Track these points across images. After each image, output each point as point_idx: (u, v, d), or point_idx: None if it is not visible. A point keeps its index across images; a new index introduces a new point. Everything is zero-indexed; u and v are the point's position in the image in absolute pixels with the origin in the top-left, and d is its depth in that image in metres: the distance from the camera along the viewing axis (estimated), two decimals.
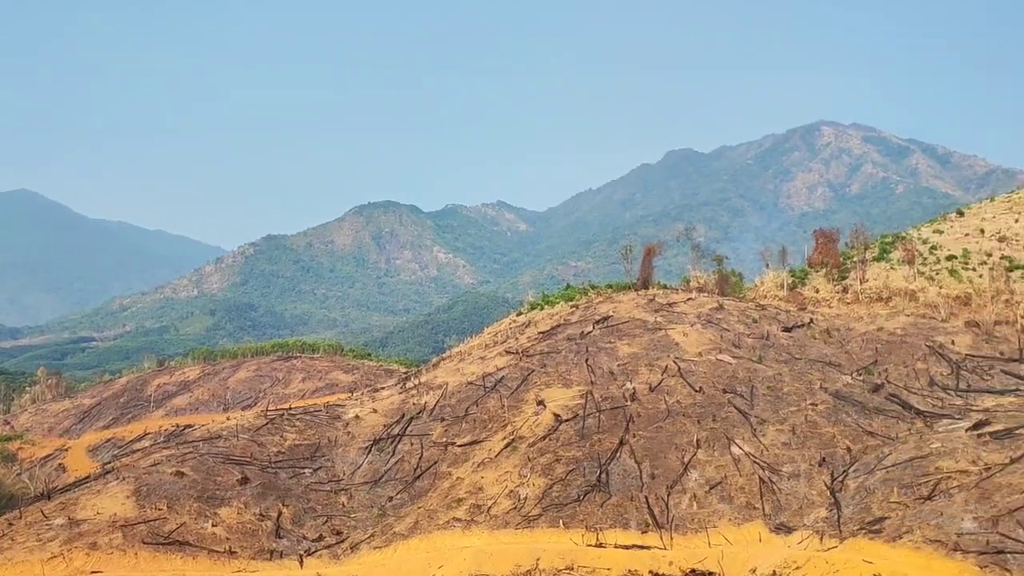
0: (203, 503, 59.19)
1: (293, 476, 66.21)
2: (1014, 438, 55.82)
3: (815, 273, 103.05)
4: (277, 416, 76.74)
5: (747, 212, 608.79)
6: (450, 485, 62.32)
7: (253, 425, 74.33)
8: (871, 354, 78.90)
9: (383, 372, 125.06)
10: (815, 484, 57.39)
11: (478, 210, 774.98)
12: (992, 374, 74.73)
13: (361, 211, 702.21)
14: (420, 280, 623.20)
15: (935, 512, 47.90)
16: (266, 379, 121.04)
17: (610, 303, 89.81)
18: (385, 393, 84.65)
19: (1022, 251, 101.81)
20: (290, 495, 63.17)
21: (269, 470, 66.08)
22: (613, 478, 58.61)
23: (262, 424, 74.45)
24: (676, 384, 69.12)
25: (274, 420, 75.43)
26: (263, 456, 68.13)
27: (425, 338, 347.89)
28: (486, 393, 74.17)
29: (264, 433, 72.66)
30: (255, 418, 77.10)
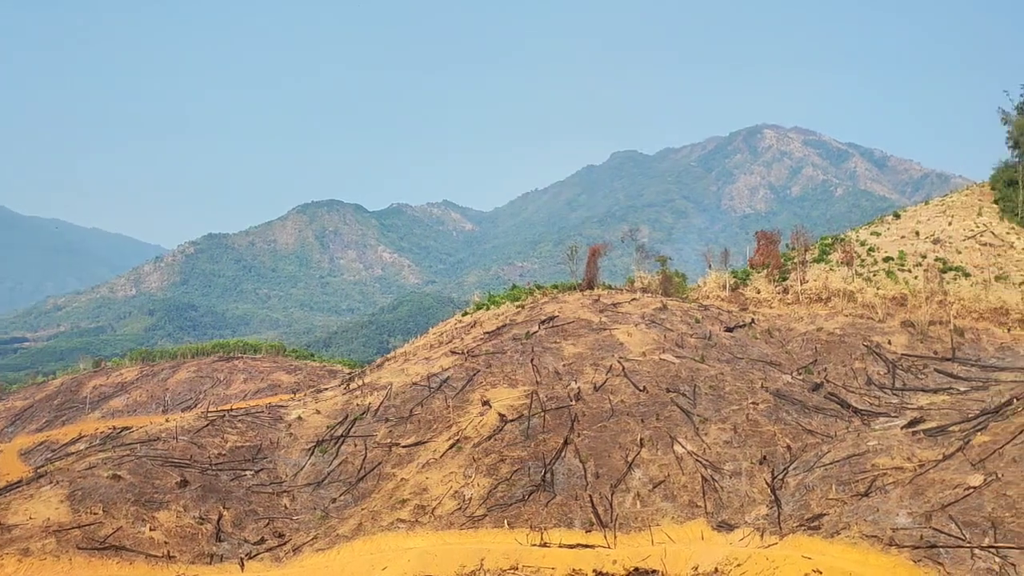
0: (141, 507, 57.90)
1: (234, 478, 65.12)
2: (947, 435, 57.30)
3: (757, 274, 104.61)
4: (218, 417, 75.43)
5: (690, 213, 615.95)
6: (394, 486, 61.91)
7: (193, 427, 72.94)
8: (811, 354, 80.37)
9: (326, 373, 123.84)
10: (756, 482, 58.24)
11: (424, 209, 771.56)
12: (926, 373, 76.70)
13: (304, 210, 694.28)
14: (365, 280, 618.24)
15: (871, 508, 48.93)
16: (207, 380, 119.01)
17: (556, 303, 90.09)
18: (328, 394, 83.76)
19: (955, 253, 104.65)
20: (231, 498, 62.12)
21: (209, 472, 64.90)
22: (558, 477, 58.76)
23: (202, 426, 73.10)
24: (620, 384, 69.59)
25: (215, 422, 74.12)
26: (203, 458, 66.89)
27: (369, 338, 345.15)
28: (431, 393, 73.84)
29: (204, 435, 71.35)
30: (195, 420, 75.68)
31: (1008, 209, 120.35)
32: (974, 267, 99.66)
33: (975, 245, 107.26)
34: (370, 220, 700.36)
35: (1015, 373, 73.19)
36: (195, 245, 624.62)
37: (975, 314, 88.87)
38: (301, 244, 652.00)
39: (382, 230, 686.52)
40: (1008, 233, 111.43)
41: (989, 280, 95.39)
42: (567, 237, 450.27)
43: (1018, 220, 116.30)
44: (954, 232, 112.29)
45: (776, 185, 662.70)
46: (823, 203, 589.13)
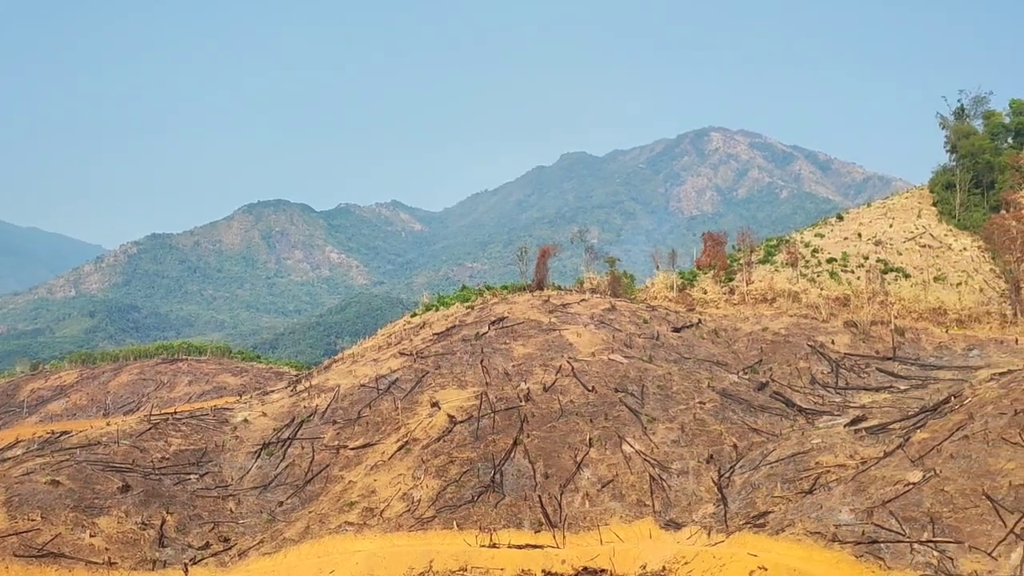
0: (80, 513, 56.52)
1: (178, 483, 63.89)
2: (887, 433, 58.53)
3: (703, 275, 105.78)
4: (161, 421, 73.94)
5: (639, 215, 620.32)
6: (342, 489, 61.32)
7: (135, 430, 71.39)
8: (756, 353, 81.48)
9: (273, 375, 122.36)
10: (703, 481, 58.84)
11: (372, 210, 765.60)
12: (868, 372, 78.27)
13: (250, 210, 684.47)
14: (312, 281, 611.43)
15: (815, 505, 49.74)
16: (150, 383, 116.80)
17: (505, 304, 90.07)
18: (275, 396, 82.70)
19: (896, 254, 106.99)
20: (175, 502, 60.95)
21: (152, 477, 63.59)
22: (507, 478, 58.73)
23: (145, 429, 71.58)
24: (570, 384, 69.79)
25: (158, 425, 72.64)
26: (146, 463, 65.52)
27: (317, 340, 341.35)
28: (379, 395, 73.30)
29: (147, 438, 69.88)
30: (137, 423, 74.09)
31: (946, 212, 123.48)
32: (914, 268, 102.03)
33: (915, 247, 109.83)
34: (317, 220, 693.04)
35: (952, 372, 75.05)
36: (138, 245, 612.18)
37: (915, 314, 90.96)
38: (247, 244, 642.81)
39: (330, 230, 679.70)
40: (946, 235, 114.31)
41: (928, 281, 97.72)
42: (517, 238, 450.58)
43: (956, 222, 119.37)
44: (895, 234, 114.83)
45: (723, 187, 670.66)
46: (769, 205, 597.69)
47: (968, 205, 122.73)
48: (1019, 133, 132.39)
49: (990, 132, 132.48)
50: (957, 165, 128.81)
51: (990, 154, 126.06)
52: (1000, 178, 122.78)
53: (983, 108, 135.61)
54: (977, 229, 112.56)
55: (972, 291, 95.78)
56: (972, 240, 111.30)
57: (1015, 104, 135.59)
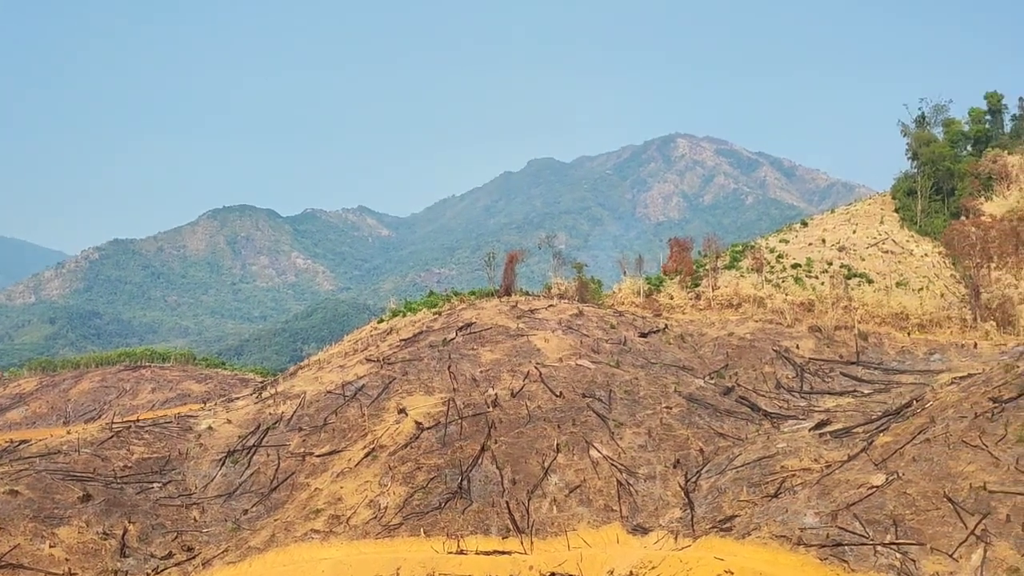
0: (40, 523, 55.47)
1: (141, 491, 62.97)
2: (851, 436, 59.19)
3: (670, 280, 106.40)
4: (123, 429, 72.83)
5: (606, 220, 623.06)
6: (308, 496, 60.78)
7: (97, 439, 70.24)
8: (722, 358, 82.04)
9: (238, 381, 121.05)
10: (670, 485, 59.07)
11: (339, 215, 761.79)
12: (832, 376, 79.10)
13: (215, 215, 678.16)
14: (278, 286, 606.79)
15: (780, 509, 50.13)
16: (112, 390, 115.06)
17: (473, 310, 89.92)
18: (240, 403, 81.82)
19: (859, 260, 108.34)
20: (137, 511, 60.05)
21: (114, 486, 62.60)
22: (475, 485, 58.55)
23: (107, 437, 70.47)
24: (537, 389, 69.79)
25: (120, 433, 71.54)
26: (107, 471, 64.49)
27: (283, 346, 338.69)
28: (346, 402, 72.79)
29: (109, 447, 68.80)
30: (99, 431, 72.88)
31: (908, 218, 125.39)
32: (877, 274, 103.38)
33: (878, 252, 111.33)
34: (283, 226, 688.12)
35: (914, 376, 76.10)
36: (100, 251, 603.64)
37: (878, 319, 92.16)
38: (212, 250, 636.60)
39: (296, 236, 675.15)
40: (908, 241, 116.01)
41: (890, 286, 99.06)
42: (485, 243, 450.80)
43: (917, 228, 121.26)
44: (858, 240, 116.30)
45: (689, 193, 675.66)
46: (734, 211, 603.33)
47: (929, 211, 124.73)
48: (978, 141, 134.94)
49: (950, 140, 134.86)
50: (918, 172, 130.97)
51: (950, 161, 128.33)
52: (960, 185, 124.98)
53: (943, 116, 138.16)
54: (938, 235, 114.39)
55: (933, 296, 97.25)
56: (933, 246, 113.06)
57: (974, 112, 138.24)
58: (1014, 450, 47.28)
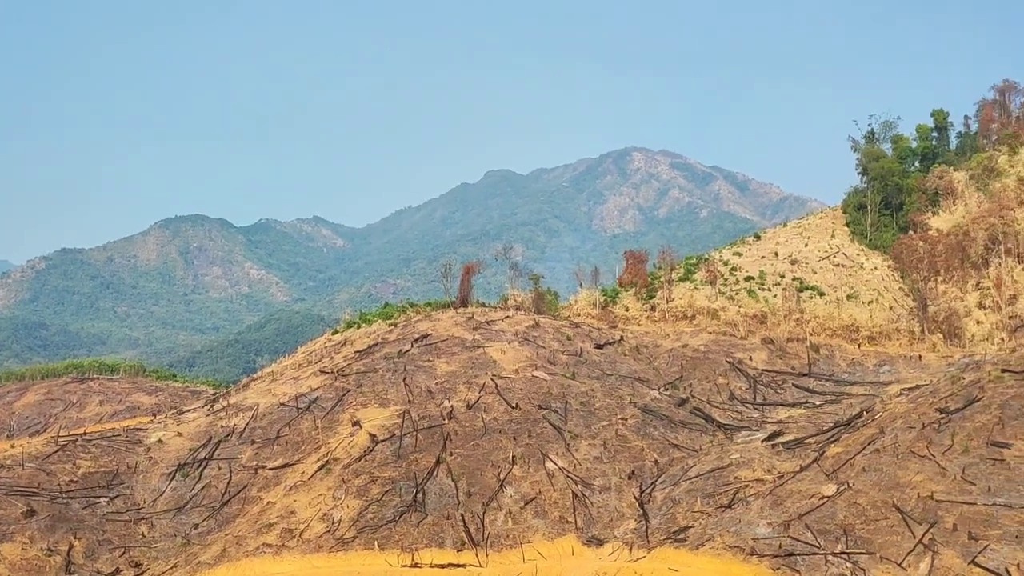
0: None
1: (87, 506, 61.51)
2: (803, 447, 59.90)
3: (625, 292, 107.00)
4: (69, 442, 71.16)
5: (563, 232, 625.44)
6: (260, 510, 59.88)
7: (41, 452, 68.52)
8: (677, 370, 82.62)
9: (189, 394, 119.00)
10: (625, 497, 59.22)
11: (293, 225, 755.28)
12: (785, 388, 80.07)
13: (167, 225, 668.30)
14: (230, 297, 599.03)
15: (734, 519, 50.49)
16: (58, 403, 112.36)
17: (429, 321, 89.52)
18: (191, 415, 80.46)
19: (811, 273, 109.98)
20: (83, 527, 58.64)
21: (59, 501, 61.09)
22: (430, 497, 58.15)
23: (52, 451, 68.78)
24: (493, 401, 69.61)
25: (66, 447, 69.88)
26: (52, 486, 62.91)
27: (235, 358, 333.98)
28: (299, 414, 71.94)
29: (54, 461, 67.15)
30: (44, 445, 71.11)
31: (858, 232, 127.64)
32: (828, 286, 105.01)
33: (829, 266, 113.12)
34: (237, 236, 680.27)
35: (864, 387, 77.34)
36: (47, 260, 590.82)
37: (829, 331, 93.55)
38: (163, 260, 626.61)
39: (249, 246, 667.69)
40: (858, 255, 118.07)
41: (841, 299, 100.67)
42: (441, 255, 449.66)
43: (867, 242, 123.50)
44: (810, 253, 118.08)
45: (644, 206, 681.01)
46: (689, 224, 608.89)
47: (879, 226, 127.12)
48: (925, 157, 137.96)
49: (898, 156, 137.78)
50: (868, 187, 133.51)
51: (898, 177, 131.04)
52: (908, 200, 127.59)
53: (892, 132, 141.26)
54: (887, 249, 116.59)
55: (883, 308, 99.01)
56: (882, 259, 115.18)
57: (921, 129, 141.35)
58: (960, 460, 48.20)
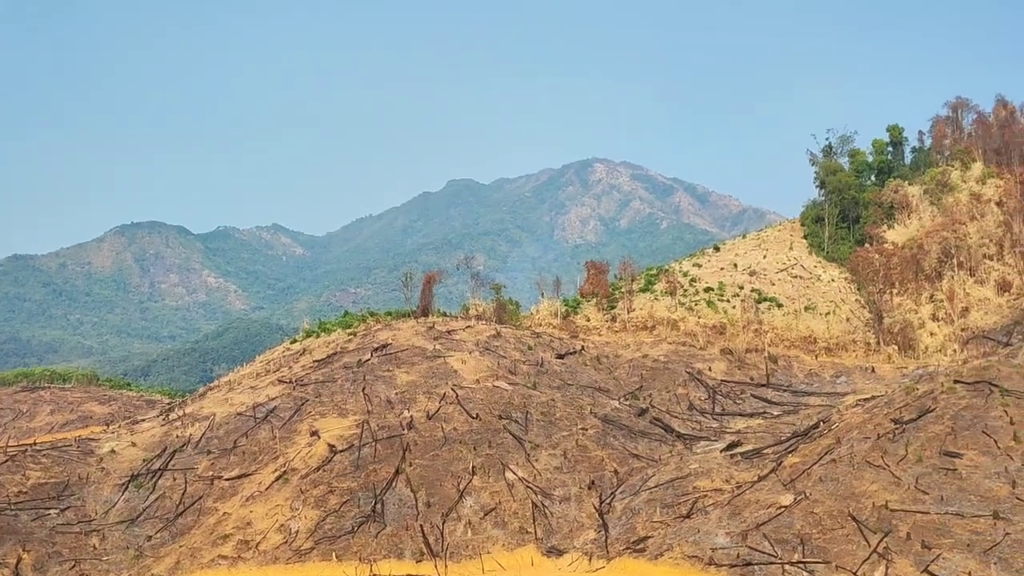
0: None
1: (36, 518, 60.05)
2: (761, 457, 60.38)
3: (587, 302, 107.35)
4: (18, 452, 69.44)
5: (524, 242, 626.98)
6: (216, 521, 58.93)
7: None
8: (637, 380, 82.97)
9: (144, 403, 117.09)
10: (585, 507, 59.22)
11: (252, 233, 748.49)
12: (743, 398, 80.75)
13: (123, 231, 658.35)
14: (187, 305, 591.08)
15: (693, 529, 50.71)
16: (7, 412, 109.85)
17: (389, 331, 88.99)
18: (146, 425, 79.06)
19: (769, 284, 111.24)
20: (32, 539, 57.22)
21: (7, 512, 59.55)
22: (388, 508, 57.68)
23: (0, 461, 67.12)
24: (453, 411, 69.31)
25: (15, 457, 68.17)
26: (0, 497, 61.35)
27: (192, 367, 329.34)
28: (257, 424, 71.00)
29: (2, 472, 65.48)
30: None
31: (816, 244, 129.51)
32: (786, 298, 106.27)
33: (787, 277, 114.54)
34: (195, 243, 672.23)
35: (821, 398, 78.26)
36: None
37: (787, 342, 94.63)
38: (119, 267, 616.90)
39: (207, 253, 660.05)
40: (816, 267, 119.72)
41: (799, 310, 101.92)
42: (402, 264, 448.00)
43: (824, 255, 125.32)
44: (768, 265, 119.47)
45: (606, 217, 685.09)
46: (649, 235, 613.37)
47: (836, 238, 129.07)
48: (881, 171, 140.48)
49: (855, 169, 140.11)
50: (826, 200, 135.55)
51: (855, 190, 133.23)
52: (864, 213, 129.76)
53: (849, 147, 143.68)
54: (844, 261, 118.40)
55: (839, 320, 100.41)
56: (839, 271, 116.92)
57: (877, 144, 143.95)
58: (914, 469, 48.90)
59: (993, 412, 52.69)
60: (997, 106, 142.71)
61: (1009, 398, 53.47)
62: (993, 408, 53.03)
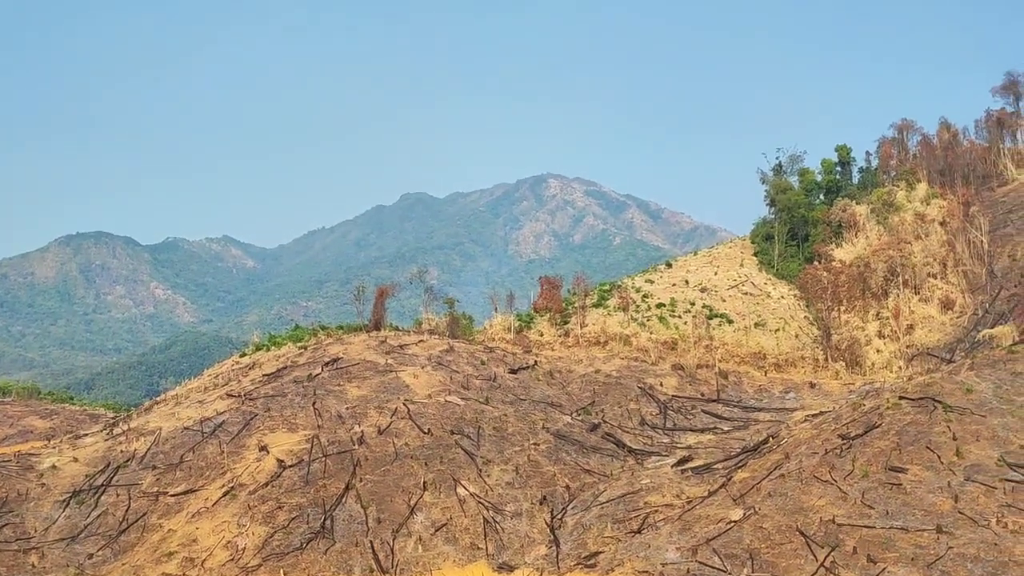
0: None
1: None
2: (712, 472, 60.85)
3: (540, 317, 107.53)
4: None
5: (478, 257, 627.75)
6: (160, 538, 57.65)
7: None
8: (589, 395, 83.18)
9: (87, 417, 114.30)
10: (536, 522, 59.09)
11: (202, 244, 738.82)
12: (694, 413, 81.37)
13: (68, 241, 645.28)
14: (134, 317, 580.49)
15: (644, 544, 50.84)
16: None
17: (341, 345, 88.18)
18: (89, 440, 77.17)
19: (720, 301, 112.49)
20: None
21: None
22: (338, 524, 56.96)
23: None
24: (405, 426, 68.81)
25: None
26: None
27: (138, 380, 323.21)
28: (204, 439, 69.73)
29: None
30: None
31: (766, 261, 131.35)
32: (736, 314, 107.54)
33: (738, 294, 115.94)
34: (143, 254, 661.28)
35: (771, 413, 79.17)
36: None
37: (737, 358, 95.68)
38: (63, 278, 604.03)
39: (155, 265, 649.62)
40: (766, 283, 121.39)
41: (749, 326, 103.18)
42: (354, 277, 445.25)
43: (774, 272, 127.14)
44: (719, 281, 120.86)
45: (560, 232, 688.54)
46: (603, 251, 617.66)
47: (785, 256, 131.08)
48: (829, 190, 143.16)
49: (804, 188, 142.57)
50: (775, 218, 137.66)
51: (804, 209, 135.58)
52: (813, 231, 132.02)
53: (798, 166, 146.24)
54: (793, 278, 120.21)
55: (789, 337, 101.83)
56: (789, 289, 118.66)
57: (825, 163, 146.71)
58: (860, 484, 49.64)
59: (937, 428, 53.77)
60: (941, 128, 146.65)
61: (952, 414, 54.61)
62: (937, 424, 54.13)
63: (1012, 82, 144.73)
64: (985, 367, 61.90)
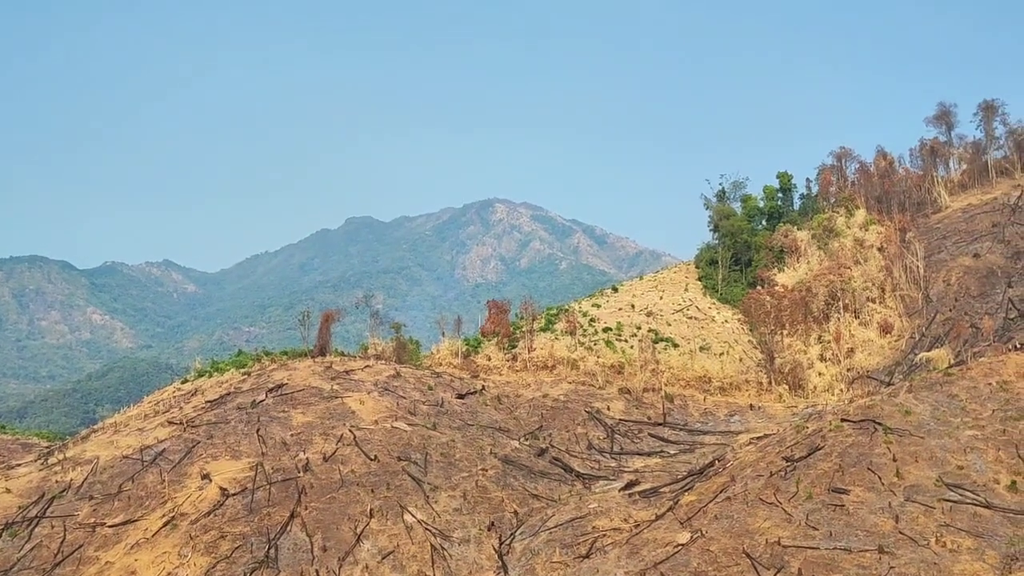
0: None
1: None
2: (659, 496, 61.16)
3: (488, 342, 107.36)
4: None
5: (425, 281, 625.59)
6: (97, 571, 55.91)
7: None
8: (537, 419, 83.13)
9: (20, 447, 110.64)
10: (484, 548, 58.67)
11: (141, 269, 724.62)
12: (641, 437, 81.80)
13: (1, 266, 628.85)
14: (70, 343, 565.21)
15: (592, 569, 50.77)
16: None
17: (285, 370, 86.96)
18: (22, 470, 74.71)
19: (666, 325, 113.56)
20: None
21: None
22: (283, 553, 55.87)
23: None
24: (351, 453, 67.96)
25: None
26: None
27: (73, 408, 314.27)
28: (144, 467, 68.00)
29: None
30: None
31: (710, 286, 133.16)
32: (682, 338, 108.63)
33: (683, 318, 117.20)
34: (79, 279, 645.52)
35: (717, 436, 79.96)
36: None
37: (683, 381, 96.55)
38: None
39: (93, 290, 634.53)
40: (710, 308, 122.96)
41: (694, 350, 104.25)
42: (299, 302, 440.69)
43: (718, 296, 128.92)
44: (665, 306, 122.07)
45: (506, 256, 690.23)
46: (549, 275, 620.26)
47: (729, 280, 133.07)
48: (771, 216, 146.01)
49: (747, 214, 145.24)
50: (719, 243, 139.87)
51: (747, 234, 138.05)
52: (756, 256, 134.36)
53: (741, 192, 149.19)
54: (737, 303, 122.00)
55: (733, 360, 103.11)
56: (733, 313, 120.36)
57: (767, 190, 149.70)
58: (804, 506, 50.30)
59: (877, 449, 54.85)
60: (877, 156, 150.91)
61: (892, 436, 55.77)
62: (877, 445, 55.22)
63: (944, 112, 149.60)
64: (923, 389, 63.40)
